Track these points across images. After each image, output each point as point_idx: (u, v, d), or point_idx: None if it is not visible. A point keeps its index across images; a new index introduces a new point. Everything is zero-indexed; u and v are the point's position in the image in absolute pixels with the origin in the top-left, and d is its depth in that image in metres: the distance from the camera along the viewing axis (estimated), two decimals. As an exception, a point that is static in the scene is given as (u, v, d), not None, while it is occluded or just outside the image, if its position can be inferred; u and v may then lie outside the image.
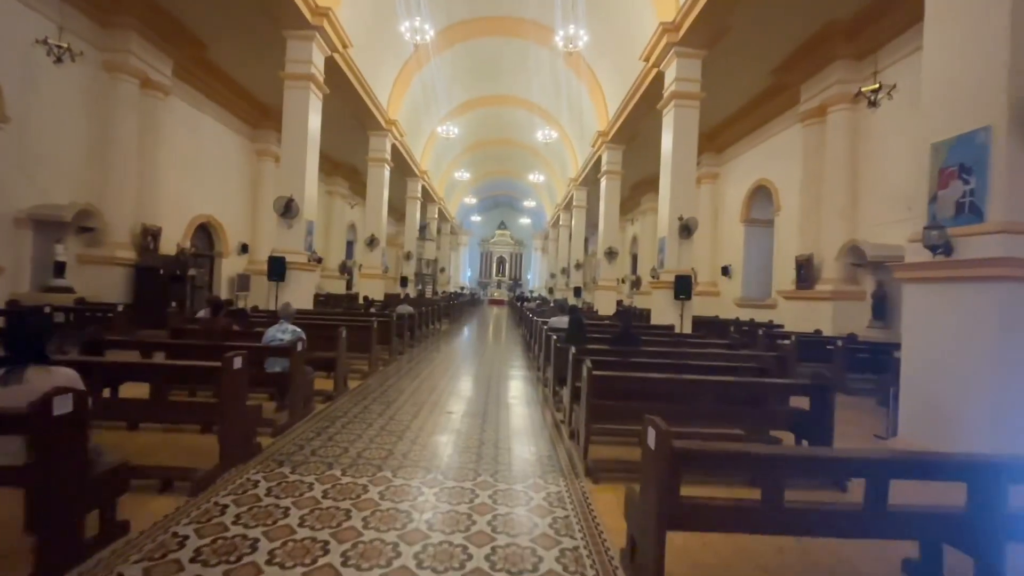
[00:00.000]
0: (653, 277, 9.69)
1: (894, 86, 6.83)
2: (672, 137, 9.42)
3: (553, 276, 30.85)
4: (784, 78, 10.56)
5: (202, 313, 5.78)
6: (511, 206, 40.99)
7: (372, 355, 6.54)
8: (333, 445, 3.73)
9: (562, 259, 26.92)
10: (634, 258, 24.53)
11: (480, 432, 4.27)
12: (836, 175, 9.46)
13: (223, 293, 13.31)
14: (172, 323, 5.72)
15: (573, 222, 21.80)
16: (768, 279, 13.38)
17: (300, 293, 9.39)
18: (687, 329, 9.09)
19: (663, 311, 9.37)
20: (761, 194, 13.19)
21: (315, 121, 9.70)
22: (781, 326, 10.51)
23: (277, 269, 8.87)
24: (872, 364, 6.56)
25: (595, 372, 3.47)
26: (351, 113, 14.03)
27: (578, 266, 21.34)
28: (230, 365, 3.03)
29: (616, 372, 3.81)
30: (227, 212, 13.34)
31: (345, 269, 21.90)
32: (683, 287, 8.87)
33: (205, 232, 12.96)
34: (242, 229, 14.05)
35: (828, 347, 7.00)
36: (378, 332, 6.85)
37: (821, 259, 9.62)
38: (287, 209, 9.02)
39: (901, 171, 8.44)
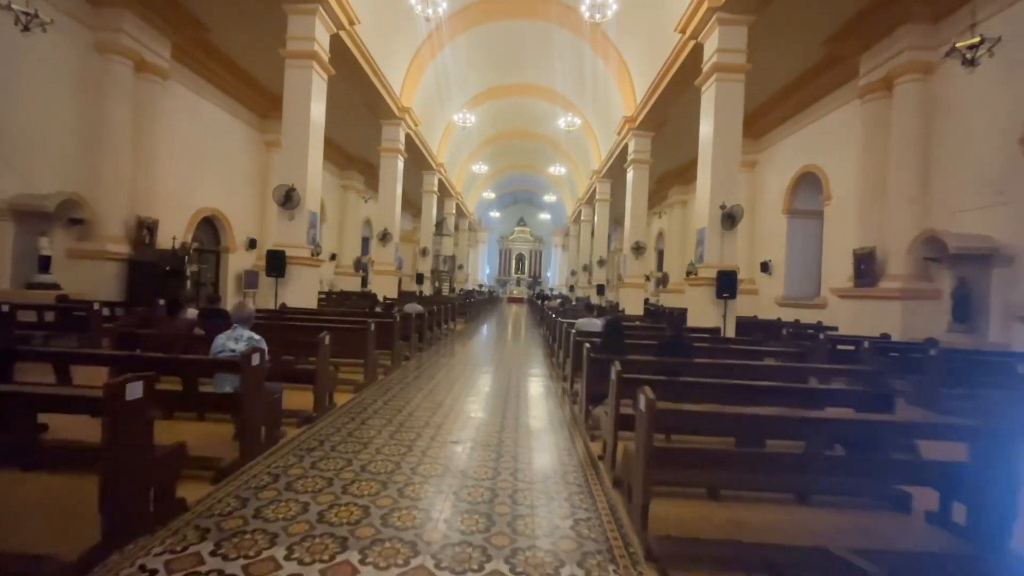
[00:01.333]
0: (690, 273, 8.65)
1: (999, 39, 5.66)
2: (713, 116, 8.35)
3: (574, 274, 29.79)
4: (839, 49, 9.34)
5: (191, 312, 5.05)
6: (530, 202, 40.04)
7: (369, 363, 5.73)
8: (285, 503, 2.74)
9: (583, 256, 25.85)
10: (660, 254, 23.31)
11: (492, 477, 3.28)
12: (905, 156, 8.24)
13: (229, 290, 12.75)
14: (121, 327, 5.01)
15: (596, 217, 20.74)
16: (815, 276, 12.15)
17: (302, 290, 8.67)
18: (731, 332, 8.05)
19: (702, 311, 8.33)
20: (807, 183, 11.96)
21: (319, 103, 8.94)
22: (834, 328, 9.34)
23: (276, 264, 8.15)
24: (968, 376, 5.42)
25: (659, 405, 2.45)
26: (363, 102, 13.30)
27: (601, 263, 20.27)
28: (119, 394, 2.11)
29: (692, 407, 2.75)
30: (234, 205, 12.75)
31: (360, 266, 21.30)
32: (727, 284, 7.82)
33: (210, 226, 12.39)
34: (250, 223, 13.46)
35: (914, 355, 5.87)
36: (378, 335, 6.00)
37: (886, 252, 8.42)
38: (287, 199, 8.29)
39: (987, 149, 7.23)
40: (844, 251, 9.98)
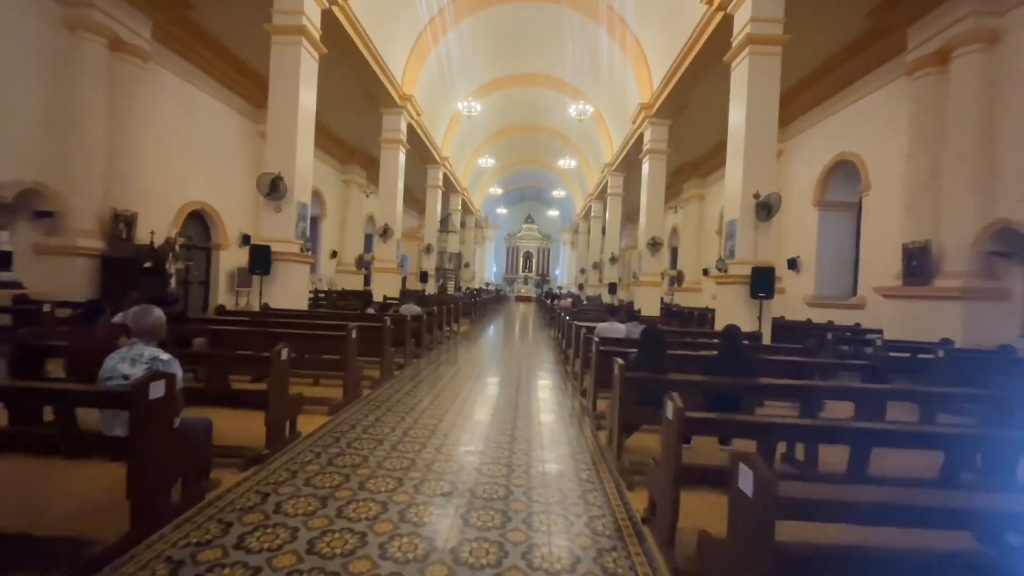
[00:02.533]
0: (719, 270, 7.78)
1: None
2: (746, 94, 7.47)
3: (583, 271, 28.91)
4: (886, 20, 8.40)
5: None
6: (538, 199, 39.20)
7: (349, 376, 4.89)
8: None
9: (593, 253, 24.96)
10: (674, 251, 22.35)
11: (496, 564, 2.30)
12: (964, 138, 7.29)
13: (221, 288, 12.05)
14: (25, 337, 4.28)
15: (608, 213, 19.85)
16: (849, 273, 11.21)
17: (291, 289, 7.91)
18: (768, 337, 7.18)
19: (732, 313, 7.45)
20: (841, 172, 11.00)
21: (309, 84, 8.18)
22: (877, 331, 8.43)
23: (260, 260, 7.40)
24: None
25: (780, 491, 1.54)
26: (362, 90, 12.55)
27: (613, 260, 19.37)
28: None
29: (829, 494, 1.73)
30: (226, 199, 12.03)
31: (363, 264, 20.58)
32: (763, 282, 6.94)
33: (200, 222, 11.69)
34: (243, 218, 12.74)
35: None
36: (364, 342, 5.21)
37: (942, 246, 7.48)
38: (273, 188, 7.53)
39: (1067, 127, 6.28)
40: (886, 245, 9.06)
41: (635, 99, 13.91)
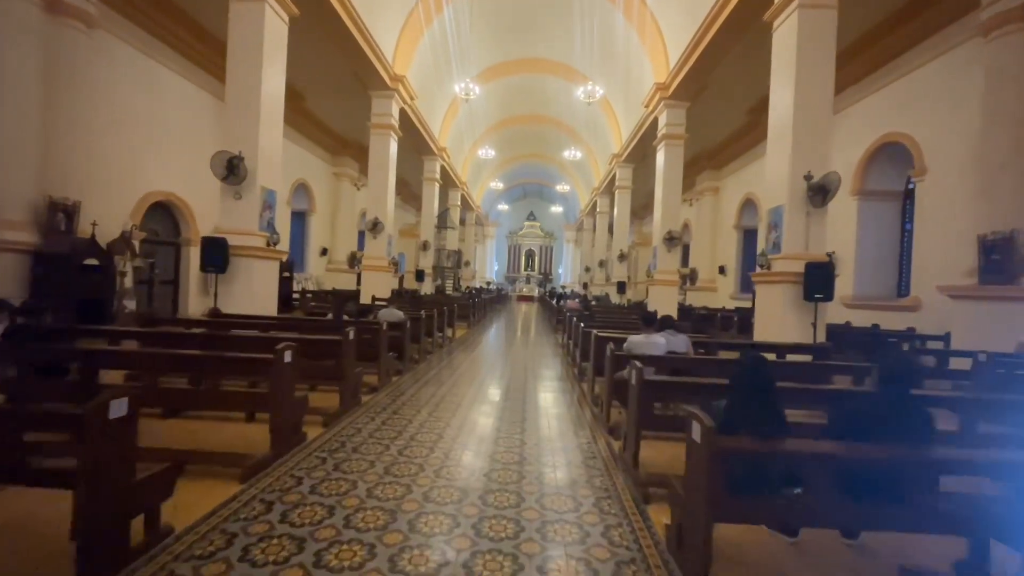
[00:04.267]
0: (761, 266, 6.56)
1: None
2: (795, 57, 6.25)
3: (588, 270, 27.68)
4: (952, -27, 7.19)
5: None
6: (541, 195, 38.00)
7: (282, 421, 3.37)
8: None
9: (599, 251, 23.74)
10: (685, 248, 21.11)
11: None
12: (1059, 106, 6.08)
13: (192, 288, 10.87)
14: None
15: (616, 208, 18.62)
16: (894, 270, 10.00)
17: (254, 290, 6.72)
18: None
19: (777, 318, 6.25)
20: (885, 156, 9.77)
21: (276, 50, 6.99)
22: (941, 337, 7.23)
23: (214, 256, 6.21)
24: None
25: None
26: (350, 71, 11.37)
27: (622, 257, 18.15)
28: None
29: None
30: (197, 190, 10.81)
31: (356, 262, 19.40)
32: (820, 281, 5.73)
33: (168, 215, 10.51)
34: (217, 211, 11.52)
35: None
36: (316, 363, 3.97)
37: (1031, 238, 6.25)
38: (231, 171, 6.34)
39: None
40: (948, 238, 7.85)
41: (648, 83, 12.68)
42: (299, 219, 17.22)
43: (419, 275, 18.07)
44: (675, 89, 11.31)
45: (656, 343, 4.17)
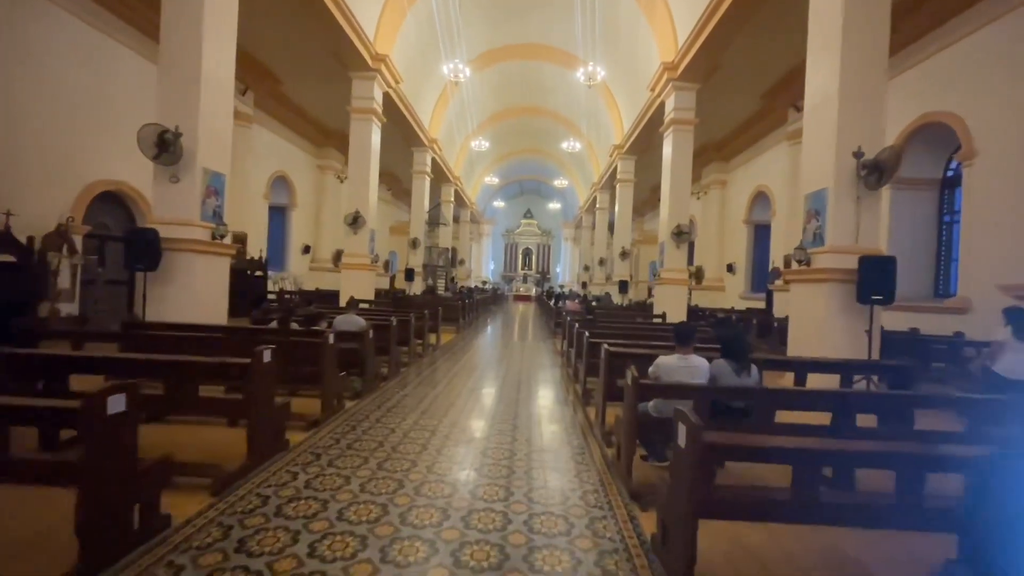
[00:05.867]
0: (799, 262, 5.52)
1: None
2: (842, 13, 5.21)
3: (587, 268, 26.66)
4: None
5: None
6: (538, 192, 36.97)
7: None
8: None
9: (598, 249, 22.71)
10: (690, 246, 20.10)
11: None
12: None
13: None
14: None
15: (618, 203, 17.58)
16: (931, 267, 9.00)
17: (196, 291, 5.66)
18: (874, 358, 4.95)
19: (819, 325, 5.24)
20: (920, 139, 8.75)
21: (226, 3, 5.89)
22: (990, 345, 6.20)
23: (142, 250, 5.14)
24: None
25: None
26: (328, 49, 10.29)
27: (624, 255, 17.12)
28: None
29: None
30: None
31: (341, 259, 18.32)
32: (878, 279, 4.70)
33: (121, 207, 9.41)
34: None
35: None
36: (205, 402, 2.83)
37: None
38: (163, 148, 5.25)
39: None
40: (1004, 230, 6.84)
41: (653, 68, 11.65)
42: (278, 214, 16.11)
43: (409, 274, 17.00)
44: (684, 69, 10.27)
45: (697, 367, 3.04)
